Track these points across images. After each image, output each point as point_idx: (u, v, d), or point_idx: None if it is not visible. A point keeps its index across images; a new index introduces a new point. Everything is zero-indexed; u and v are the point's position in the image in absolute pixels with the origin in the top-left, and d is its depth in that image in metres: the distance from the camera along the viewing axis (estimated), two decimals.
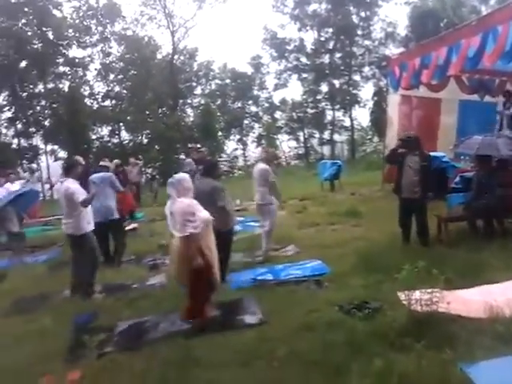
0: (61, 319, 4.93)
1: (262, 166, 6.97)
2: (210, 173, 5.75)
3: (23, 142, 31.18)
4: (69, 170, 5.85)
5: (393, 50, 30.68)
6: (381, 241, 6.76)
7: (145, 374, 3.54)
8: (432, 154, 7.26)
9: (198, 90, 36.89)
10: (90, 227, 5.80)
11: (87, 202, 5.66)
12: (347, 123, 35.39)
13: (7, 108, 30.69)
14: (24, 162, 29.68)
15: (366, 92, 35.31)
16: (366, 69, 34.63)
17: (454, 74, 9.54)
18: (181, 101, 34.74)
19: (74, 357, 4.01)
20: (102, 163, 8.22)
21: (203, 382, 3.38)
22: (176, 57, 34.03)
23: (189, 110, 36.17)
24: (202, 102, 34.57)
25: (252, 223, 9.83)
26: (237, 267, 6.41)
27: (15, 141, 30.98)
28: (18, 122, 30.84)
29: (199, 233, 4.16)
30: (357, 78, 34.99)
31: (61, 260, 7.73)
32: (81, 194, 5.63)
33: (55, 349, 4.18)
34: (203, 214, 4.29)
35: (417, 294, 3.83)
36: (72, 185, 5.65)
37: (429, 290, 3.82)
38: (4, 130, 30.77)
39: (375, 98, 31.28)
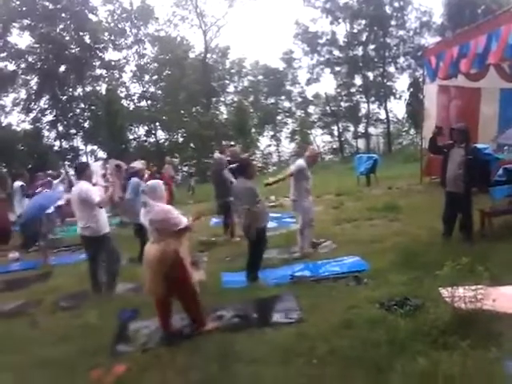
0: (105, 315, 5.09)
1: (298, 162, 6.98)
2: (243, 172, 5.78)
3: (64, 144, 32.32)
4: (81, 172, 5.91)
5: (428, 40, 29.93)
6: (421, 236, 6.61)
7: (188, 369, 3.61)
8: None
9: (231, 88, 37.20)
10: (107, 229, 5.92)
11: (103, 202, 5.76)
12: (382, 116, 34.83)
13: (49, 111, 31.88)
14: (66, 162, 30.75)
15: (402, 83, 34.67)
16: (401, 60, 33.92)
17: (494, 62, 9.19)
18: (214, 99, 35.08)
19: (118, 351, 4.13)
20: (133, 165, 8.40)
21: (244, 378, 3.41)
22: (208, 55, 34.38)
23: (222, 108, 36.53)
24: (235, 99, 34.77)
25: (288, 219, 9.83)
26: (274, 263, 6.44)
27: (57, 143, 32.16)
28: (59, 124, 32.00)
29: (177, 237, 4.14)
30: (391, 69, 34.35)
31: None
32: (96, 195, 5.71)
33: (100, 344, 4.31)
34: (183, 218, 4.27)
35: (460, 291, 3.73)
36: (85, 186, 5.73)
37: (473, 287, 3.71)
38: (46, 133, 32.00)
39: (411, 90, 30.54)
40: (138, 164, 8.33)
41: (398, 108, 36.06)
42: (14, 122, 31.35)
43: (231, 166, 8.86)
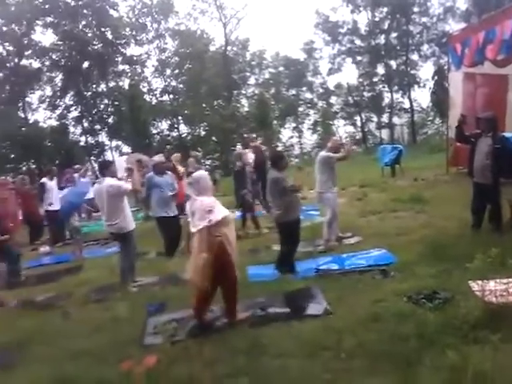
0: (134, 307, 5.20)
1: (323, 153, 6.94)
2: (275, 164, 5.77)
3: (90, 139, 32.92)
4: (105, 169, 6.03)
5: (453, 26, 29.18)
6: (449, 228, 6.50)
7: (215, 362, 3.66)
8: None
9: (252, 80, 37.14)
10: (133, 225, 6.04)
11: (135, 186, 5.91)
12: (406, 105, 34.25)
13: (74, 107, 32.50)
14: (92, 158, 31.34)
15: (426, 71, 34.01)
16: (425, 47, 33.21)
17: None
18: (235, 92, 35.09)
19: (148, 343, 4.21)
20: (155, 158, 8.49)
21: (271, 371, 3.44)
22: (229, 48, 34.37)
23: (243, 101, 36.49)
24: (256, 91, 34.69)
25: (313, 212, 9.79)
26: (299, 256, 6.43)
27: (83, 138, 32.79)
28: (84, 120, 32.59)
29: (217, 229, 4.11)
30: (415, 57, 33.70)
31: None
32: (125, 184, 5.87)
33: (130, 335, 4.41)
34: (223, 211, 4.26)
35: (491, 285, 3.66)
36: (112, 182, 5.85)
37: (504, 280, 3.65)
38: (72, 129, 32.66)
39: (435, 78, 29.89)
40: (157, 158, 8.39)
41: (422, 97, 35.38)
42: (40, 119, 32.11)
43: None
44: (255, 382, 3.33)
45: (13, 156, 29.74)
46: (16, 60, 30.81)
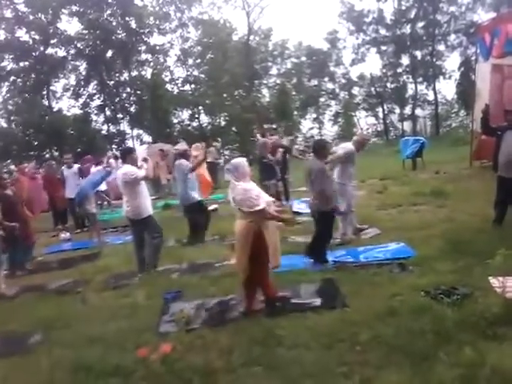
0: (151, 295, 5.27)
1: (347, 145, 6.85)
2: (317, 153, 5.74)
3: (112, 128, 33.32)
4: (126, 156, 6.14)
5: (482, 16, 28.33)
6: (470, 223, 6.38)
7: (231, 350, 3.68)
8: None
9: (274, 70, 36.88)
10: (150, 211, 6.10)
11: (148, 174, 5.98)
12: (431, 97, 33.56)
13: (97, 96, 32.90)
14: (113, 146, 31.74)
15: (452, 62, 33.22)
16: (452, 37, 32.37)
17: None
18: (256, 81, 34.94)
19: (164, 331, 4.27)
20: (178, 146, 8.52)
21: (286, 362, 3.44)
22: (251, 37, 34.17)
23: (264, 91, 36.31)
24: (278, 81, 34.46)
25: None
26: None
27: (104, 127, 33.21)
28: (106, 109, 32.98)
29: (259, 216, 4.17)
30: (441, 47, 32.90)
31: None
32: (139, 172, 5.96)
33: (146, 322, 4.47)
34: (265, 197, 4.33)
35: None
36: (129, 169, 5.96)
37: None
38: (95, 117, 33.09)
39: (462, 69, 29.20)
40: (182, 145, 8.43)
41: (447, 89, 34.56)
42: (64, 108, 32.63)
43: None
44: (270, 373, 3.34)
45: (36, 143, 30.34)
46: (42, 48, 31.30)
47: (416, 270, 4.99)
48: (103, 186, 11.50)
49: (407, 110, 34.50)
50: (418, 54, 33.45)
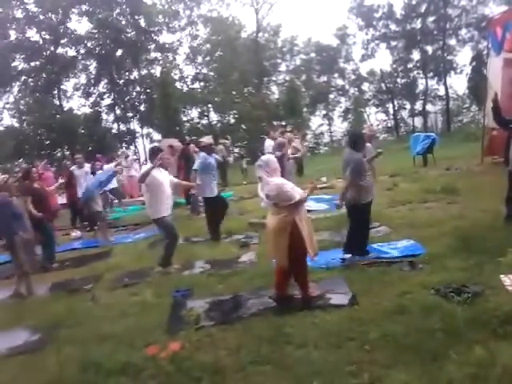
0: (160, 293, 5.29)
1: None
2: (354, 145, 5.67)
3: (122, 127, 33.52)
4: (152, 155, 6.18)
5: (493, 9, 27.91)
6: (481, 220, 6.29)
7: (239, 349, 3.69)
8: None
9: (283, 67, 36.78)
10: (163, 213, 6.11)
11: (140, 178, 6.02)
12: (441, 92, 33.20)
13: (107, 95, 33.11)
14: (123, 144, 31.93)
15: (463, 57, 32.87)
16: (463, 31, 31.98)
17: None
18: (266, 79, 34.87)
19: (173, 329, 4.28)
20: (204, 139, 8.49)
21: (295, 360, 3.44)
22: (260, 34, 34.09)
23: (274, 88, 36.24)
24: (287, 78, 34.36)
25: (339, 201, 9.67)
26: (325, 246, 6.37)
27: (115, 125, 33.42)
28: (116, 107, 33.17)
29: (295, 208, 4.24)
30: (452, 42, 32.53)
31: (159, 237, 8.23)
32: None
33: (156, 320, 4.49)
34: (297, 188, 4.39)
35: None
36: (144, 169, 6.07)
37: None
38: (105, 116, 33.31)
39: (473, 64, 28.83)
40: (207, 139, 8.41)
41: (458, 84, 34.15)
42: (75, 107, 32.89)
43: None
44: (278, 371, 3.34)
45: (48, 142, 30.63)
46: (52, 48, 31.55)
47: (426, 267, 4.95)
48: (113, 185, 11.55)
49: (418, 106, 34.24)
50: (429, 48, 33.14)
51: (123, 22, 32.08)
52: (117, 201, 12.97)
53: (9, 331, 4.75)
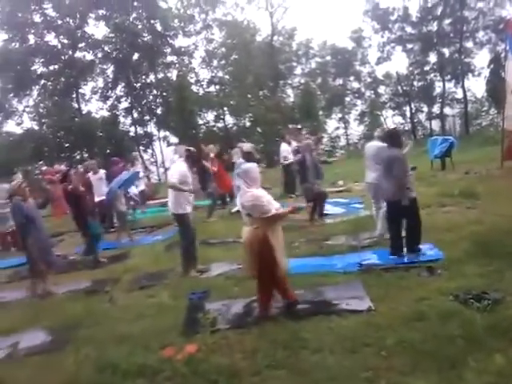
0: (177, 295, 5.33)
1: (379, 144, 6.75)
2: (393, 142, 5.66)
3: (139, 130, 33.82)
4: (187, 157, 6.37)
5: (511, 11, 27.46)
6: (501, 225, 6.17)
7: (255, 352, 3.69)
8: None
9: (298, 70, 36.63)
10: (184, 211, 6.16)
11: (173, 186, 6.11)
12: (459, 95, 32.66)
13: (124, 99, 33.45)
14: (140, 148, 32.20)
15: (481, 59, 32.27)
16: (480, 34, 31.43)
17: None
18: (281, 82, 34.82)
19: (189, 331, 4.30)
20: (244, 146, 8.54)
21: (310, 365, 3.42)
22: (275, 38, 34.08)
23: (289, 91, 36.14)
24: (302, 81, 34.27)
25: (356, 205, 9.64)
26: (341, 250, 6.34)
27: (132, 129, 33.73)
28: (134, 111, 33.47)
29: (268, 222, 4.17)
30: (469, 44, 31.97)
31: (176, 239, 8.27)
32: (173, 178, 6.16)
33: (172, 322, 4.52)
34: (275, 204, 4.31)
35: None
36: (173, 168, 6.25)
37: None
38: (122, 119, 33.63)
39: (491, 66, 28.37)
40: (248, 146, 8.46)
41: (476, 86, 33.57)
42: (93, 110, 33.25)
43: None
44: (294, 376, 3.33)
45: (67, 145, 31.04)
46: (70, 52, 32.00)
47: (444, 273, 4.88)
48: (136, 188, 11.69)
49: (435, 109, 33.78)
50: (446, 51, 32.70)
51: (140, 27, 32.39)
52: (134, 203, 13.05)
53: (28, 331, 4.83)
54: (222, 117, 34.17)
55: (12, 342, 4.57)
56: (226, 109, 33.79)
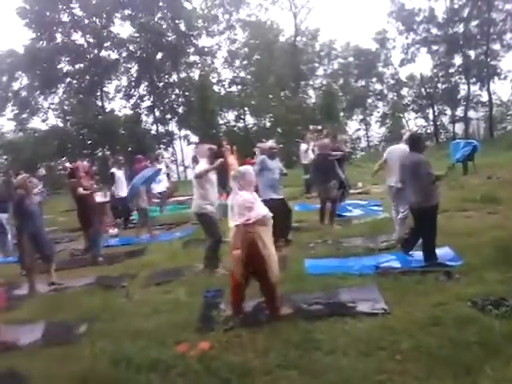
0: (193, 292, 5.36)
1: (404, 147, 6.67)
2: (415, 147, 5.60)
3: (161, 128, 34.19)
4: (209, 156, 6.37)
5: None
6: None
7: (267, 352, 3.68)
8: None
9: (320, 71, 36.49)
10: (210, 208, 6.19)
11: (198, 174, 6.16)
12: (484, 98, 32.03)
13: (147, 97, 33.88)
14: (161, 146, 32.53)
15: (508, 62, 31.48)
16: (508, 36, 30.79)
17: None
18: (303, 82, 34.72)
19: (203, 328, 4.32)
20: (267, 143, 8.58)
21: (323, 366, 3.40)
22: (298, 38, 34.00)
23: (310, 92, 36.01)
24: (324, 82, 34.10)
25: (375, 207, 9.55)
26: (358, 253, 6.29)
27: (154, 127, 34.13)
28: (156, 109, 33.87)
29: (252, 226, 4.14)
30: (496, 46, 31.33)
31: (194, 237, 8.35)
32: (197, 170, 6.26)
33: (187, 319, 4.54)
34: (262, 209, 4.28)
35: None
36: (199, 165, 6.32)
37: None
38: (144, 118, 34.07)
39: None
40: (268, 143, 8.49)
41: (502, 89, 32.76)
42: (116, 108, 33.78)
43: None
44: (306, 377, 3.31)
45: (90, 142, 31.59)
46: (96, 51, 32.58)
47: (463, 278, 4.79)
48: (161, 187, 11.84)
49: (459, 112, 33.17)
50: (472, 53, 32.10)
51: (164, 26, 32.78)
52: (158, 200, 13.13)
53: (46, 323, 4.92)
54: (242, 117, 34.27)
55: (30, 334, 4.66)
56: (246, 109, 33.86)
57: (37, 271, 6.40)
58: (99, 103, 33.08)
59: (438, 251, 5.72)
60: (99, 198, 8.90)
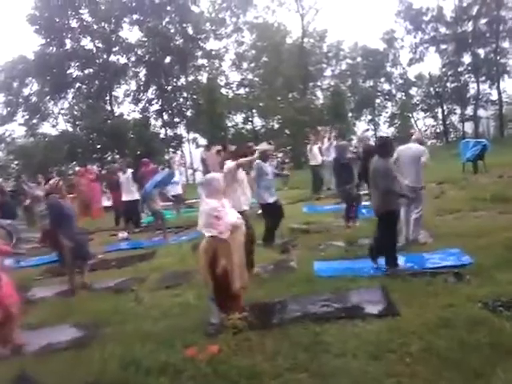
0: (202, 295, 5.35)
1: (415, 146, 6.56)
2: (380, 151, 5.54)
3: (169, 132, 34.40)
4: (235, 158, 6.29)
5: None
6: None
7: (276, 355, 3.68)
8: None
9: (328, 72, 36.50)
10: (241, 208, 6.16)
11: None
12: (494, 97, 31.81)
13: (155, 101, 34.13)
14: (170, 149, 32.72)
15: None
16: None
17: None
18: (311, 84, 34.72)
19: (211, 332, 4.32)
20: (263, 145, 8.57)
21: (332, 369, 3.39)
22: (306, 40, 34.03)
23: (318, 93, 36.02)
24: (332, 83, 34.06)
25: None
26: (365, 254, 6.24)
27: (162, 130, 34.35)
28: (164, 113, 34.09)
29: (221, 238, 4.15)
30: (505, 45, 31.23)
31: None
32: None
33: (196, 322, 4.55)
34: (230, 218, 4.24)
35: None
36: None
37: None
38: (153, 121, 34.30)
39: None
40: (264, 146, 8.46)
41: None
42: (125, 112, 34.06)
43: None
44: (315, 379, 3.30)
45: (99, 146, 31.86)
46: (105, 56, 32.89)
47: (473, 279, 4.74)
48: (175, 190, 11.91)
49: (469, 111, 32.94)
50: (481, 51, 31.89)
51: (172, 30, 33.01)
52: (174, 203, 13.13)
53: (56, 327, 4.96)
54: (250, 119, 34.34)
55: (41, 338, 4.70)
56: (254, 111, 33.93)
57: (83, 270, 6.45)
58: (108, 107, 33.37)
59: (449, 252, 5.69)
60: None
